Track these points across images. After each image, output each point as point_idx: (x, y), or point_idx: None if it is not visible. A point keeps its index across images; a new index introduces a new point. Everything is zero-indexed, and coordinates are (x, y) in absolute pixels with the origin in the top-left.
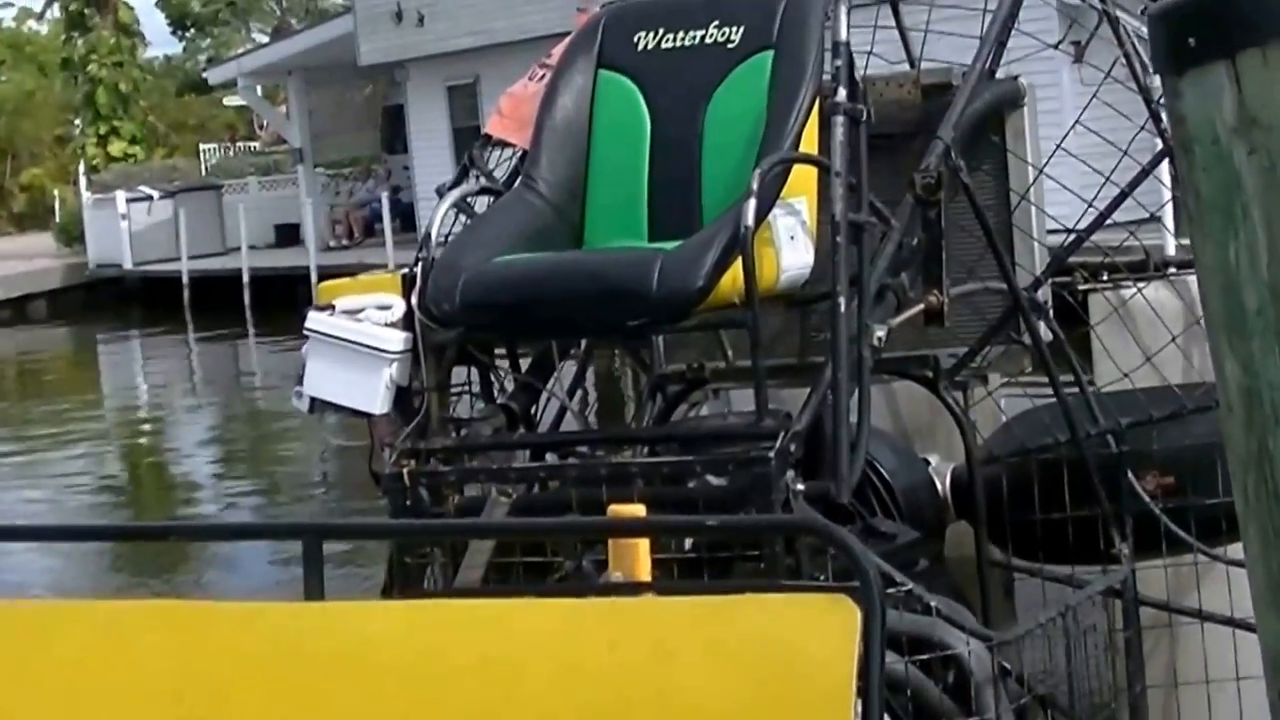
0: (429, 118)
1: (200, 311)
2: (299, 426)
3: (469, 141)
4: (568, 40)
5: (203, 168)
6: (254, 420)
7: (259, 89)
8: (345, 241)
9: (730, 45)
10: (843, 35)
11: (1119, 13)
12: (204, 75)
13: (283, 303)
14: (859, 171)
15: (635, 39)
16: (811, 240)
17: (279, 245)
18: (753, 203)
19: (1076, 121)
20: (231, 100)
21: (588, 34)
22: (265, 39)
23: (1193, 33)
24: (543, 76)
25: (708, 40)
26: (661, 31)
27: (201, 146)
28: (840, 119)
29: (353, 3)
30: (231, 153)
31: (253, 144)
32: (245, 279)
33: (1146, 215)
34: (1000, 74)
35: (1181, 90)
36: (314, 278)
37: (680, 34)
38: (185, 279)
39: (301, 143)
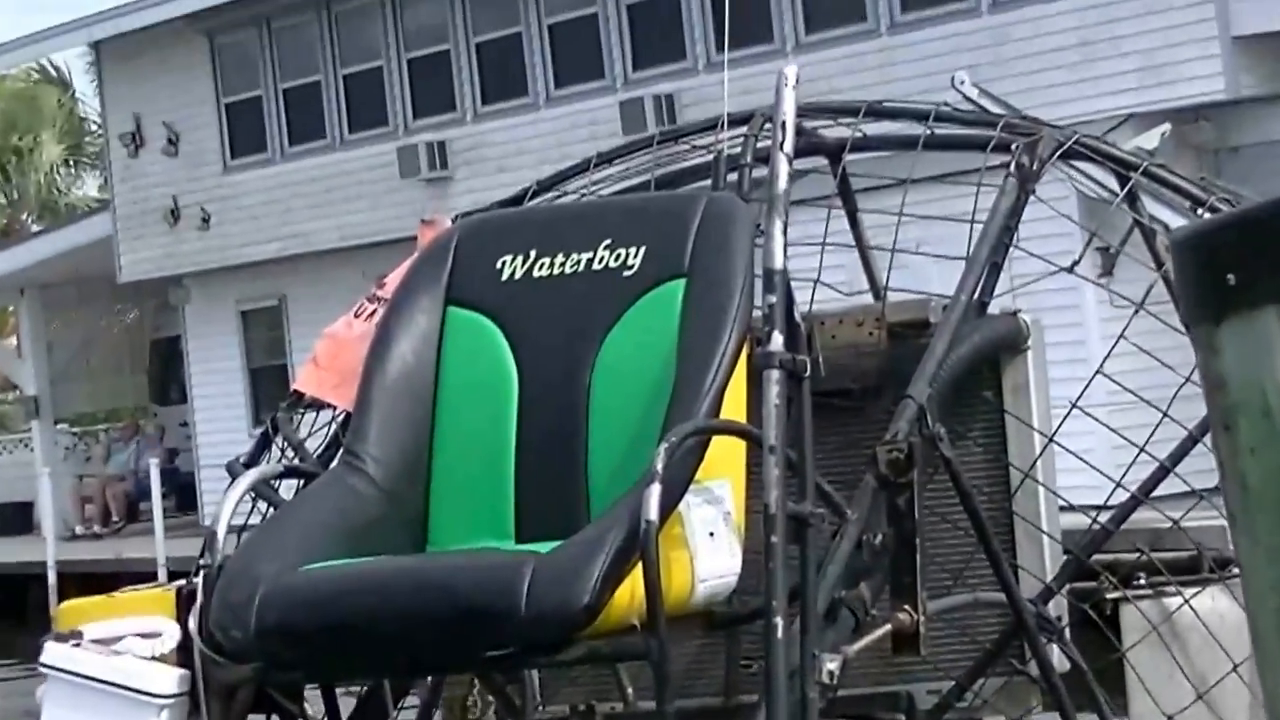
0: (216, 355)
1: None
2: None
3: (273, 390)
4: (407, 263)
5: None
6: None
7: None
8: (98, 528)
9: (628, 272)
10: (778, 260)
11: (1159, 215)
12: None
13: (7, 614)
14: (801, 444)
15: (498, 264)
16: (738, 539)
17: (3, 533)
18: (657, 489)
19: (1098, 371)
20: None
21: (434, 256)
22: None
23: (1235, 266)
24: (372, 312)
25: (596, 266)
26: (534, 254)
27: None
28: (775, 373)
29: (111, 197)
30: None
31: None
32: None
33: (1196, 495)
34: (994, 307)
35: (1220, 344)
36: (52, 579)
37: (559, 258)
38: None
39: (37, 389)
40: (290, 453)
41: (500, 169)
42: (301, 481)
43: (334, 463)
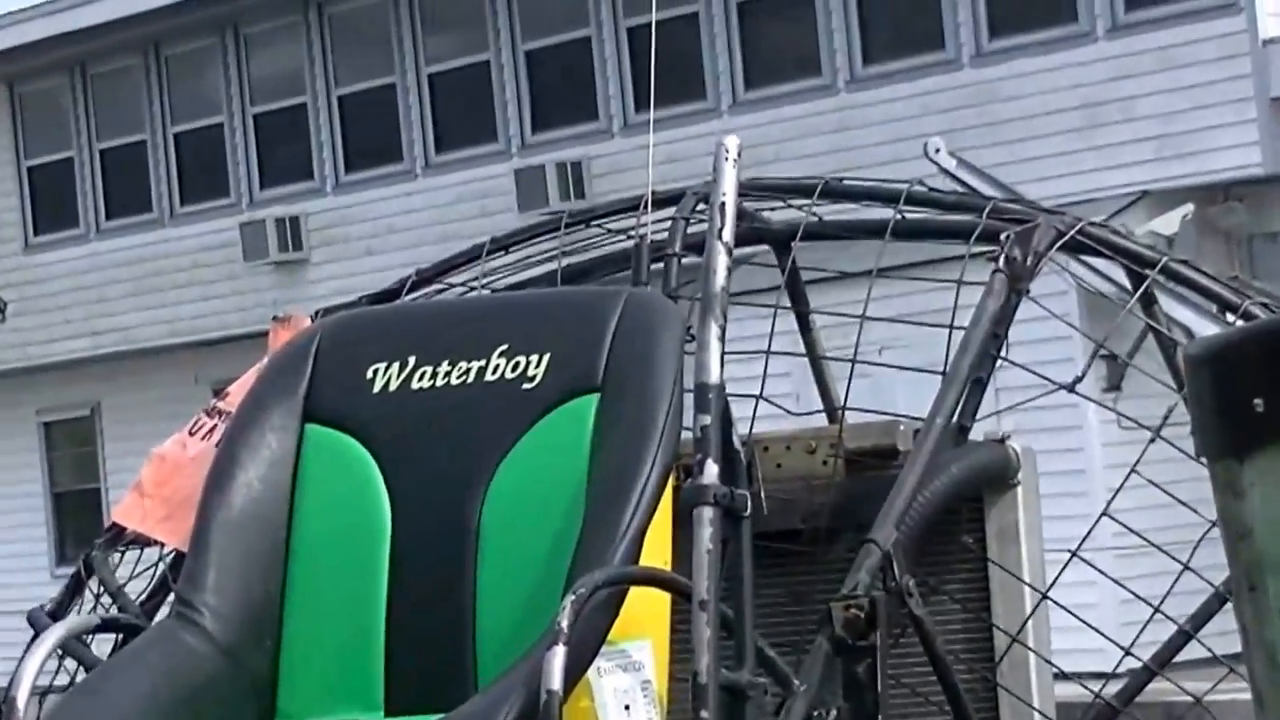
0: (12, 476)
1: None
2: None
3: (83, 521)
4: (255, 369)
5: None
6: None
7: None
8: None
9: (528, 385)
10: (713, 372)
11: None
12: None
13: None
14: (739, 598)
15: (368, 374)
16: (660, 713)
17: None
18: (560, 651)
19: (1104, 512)
20: None
21: (289, 361)
22: None
23: (1263, 388)
24: (211, 429)
25: (490, 377)
26: (413, 362)
27: None
28: (708, 510)
29: None
30: None
31: None
32: None
33: (1223, 664)
34: (977, 431)
35: (1244, 484)
36: None
37: (444, 367)
38: None
39: None
40: (107, 600)
41: (368, 251)
42: (121, 636)
43: (161, 614)
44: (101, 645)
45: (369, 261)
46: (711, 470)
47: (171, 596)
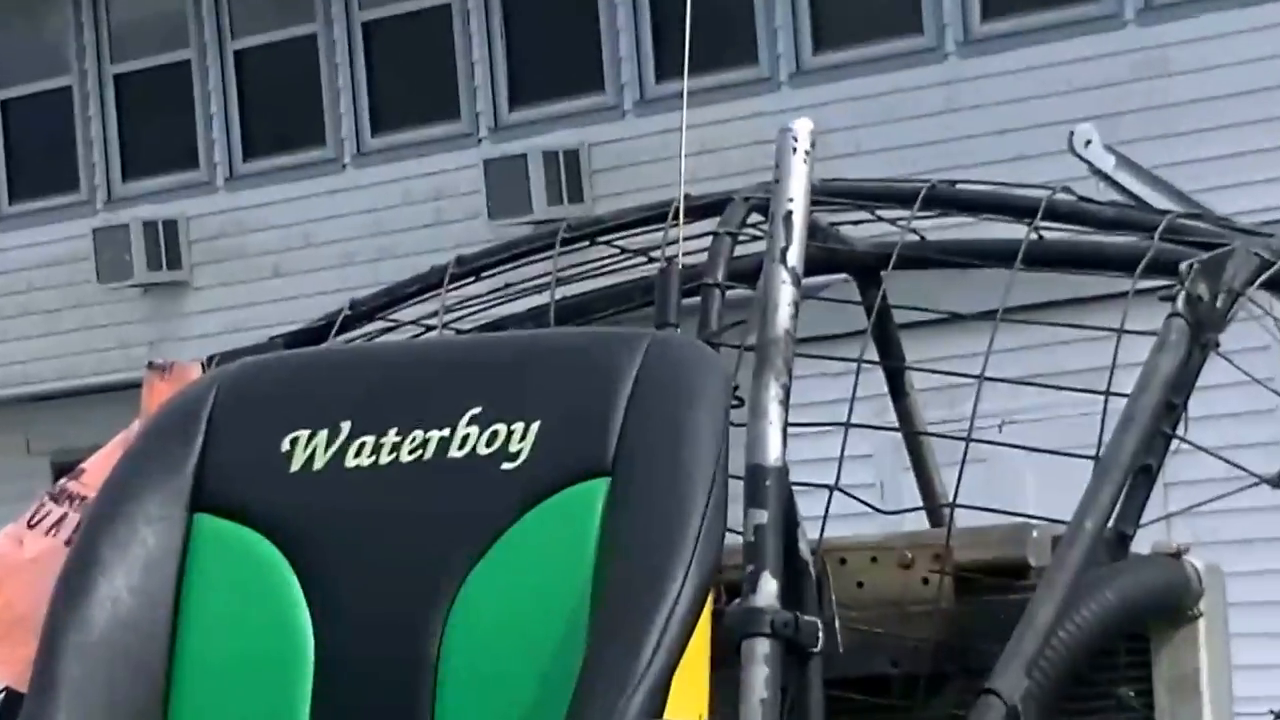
0: None
1: None
2: None
3: None
4: (123, 438)
5: None
6: None
7: None
8: None
9: (509, 465)
10: (772, 451)
11: None
12: None
13: None
14: None
15: (283, 445)
16: None
17: None
18: None
19: None
20: None
21: (172, 427)
22: None
23: None
24: (59, 520)
25: (455, 453)
26: (345, 431)
27: None
28: (762, 645)
29: None
30: None
31: None
32: None
33: None
34: (1142, 541)
35: None
36: None
37: (390, 437)
38: None
39: None
40: None
41: (275, 272)
42: None
43: None
44: None
45: (276, 286)
46: (768, 589)
47: None
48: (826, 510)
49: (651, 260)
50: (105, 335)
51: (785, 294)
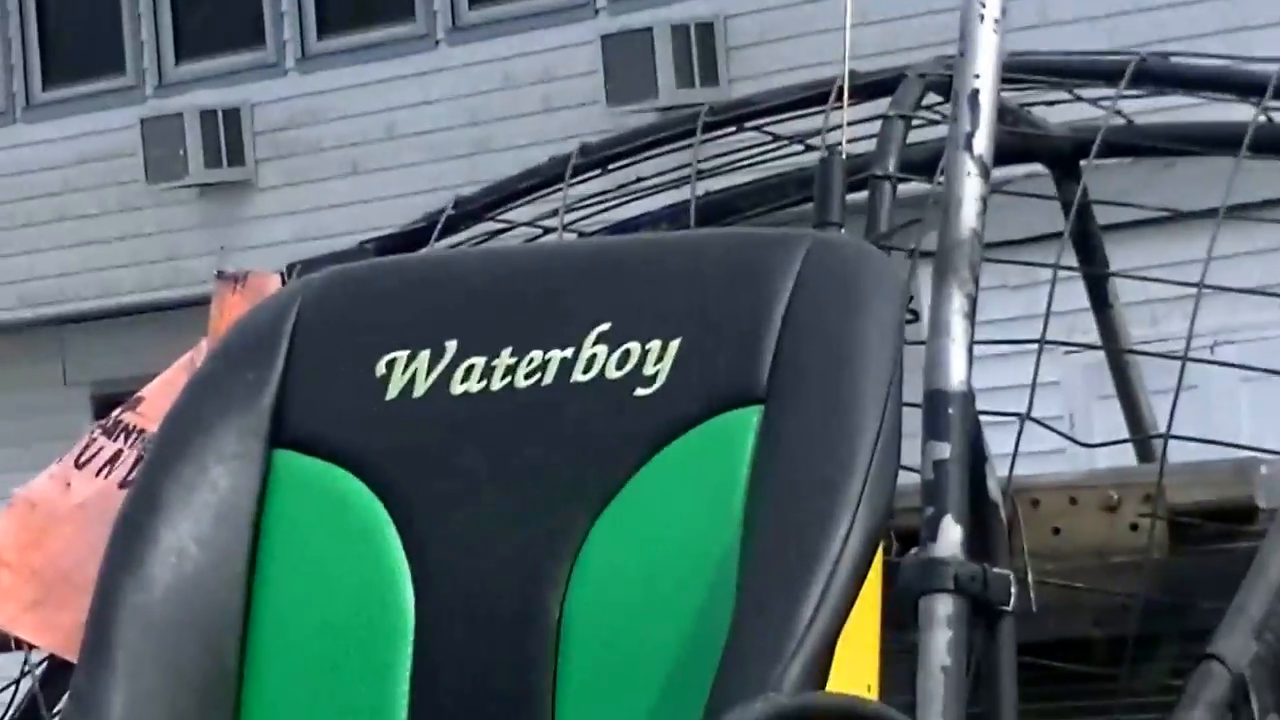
0: None
1: None
2: None
3: None
4: (187, 364)
5: None
6: None
7: None
8: None
9: (644, 390)
10: (955, 376)
11: None
12: None
13: None
14: None
15: (379, 369)
16: None
17: None
18: None
19: None
20: None
21: (248, 351)
22: None
23: None
24: (113, 459)
25: (581, 376)
26: (453, 351)
27: None
28: (945, 603)
29: None
30: None
31: None
32: None
33: None
34: None
35: None
36: None
37: (504, 359)
38: None
39: None
40: None
41: (354, 168)
42: None
43: None
44: None
45: (353, 186)
46: (951, 536)
47: None
48: (1016, 443)
49: (809, 149)
50: (154, 245)
51: (972, 187)
